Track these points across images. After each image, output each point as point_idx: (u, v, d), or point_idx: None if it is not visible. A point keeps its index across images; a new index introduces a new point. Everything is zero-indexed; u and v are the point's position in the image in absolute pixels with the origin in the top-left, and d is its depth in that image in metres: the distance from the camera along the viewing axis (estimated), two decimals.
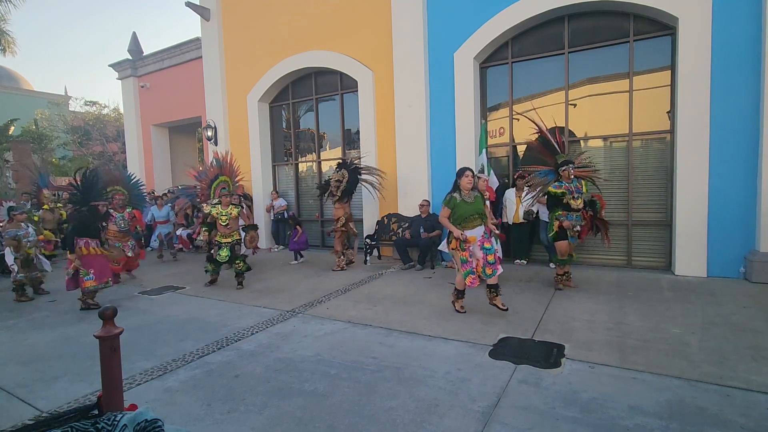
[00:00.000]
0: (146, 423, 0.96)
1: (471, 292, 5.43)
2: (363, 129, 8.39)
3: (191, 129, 14.12)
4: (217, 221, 6.08)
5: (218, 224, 6.09)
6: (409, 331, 4.08)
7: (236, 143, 10.26)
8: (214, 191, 6.38)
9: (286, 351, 3.71)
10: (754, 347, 3.41)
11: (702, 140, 5.61)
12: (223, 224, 6.05)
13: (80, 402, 2.98)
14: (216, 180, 6.43)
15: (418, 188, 7.60)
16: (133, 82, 13.07)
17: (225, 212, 6.06)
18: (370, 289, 5.78)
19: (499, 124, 7.54)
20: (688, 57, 5.62)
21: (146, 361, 3.61)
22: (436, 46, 7.44)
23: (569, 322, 4.15)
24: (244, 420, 2.64)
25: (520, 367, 3.20)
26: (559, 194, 5.18)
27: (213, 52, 10.30)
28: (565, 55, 6.74)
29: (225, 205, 6.10)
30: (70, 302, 5.75)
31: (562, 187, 5.18)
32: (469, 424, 2.49)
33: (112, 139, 19.02)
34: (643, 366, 3.14)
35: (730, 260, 5.57)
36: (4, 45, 15.27)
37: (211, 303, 5.44)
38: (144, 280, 7.05)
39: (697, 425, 2.39)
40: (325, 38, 8.65)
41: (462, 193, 4.39)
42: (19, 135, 17.82)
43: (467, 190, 4.39)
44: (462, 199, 4.38)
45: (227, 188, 6.42)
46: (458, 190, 4.41)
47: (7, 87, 23.95)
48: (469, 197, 4.39)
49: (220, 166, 6.54)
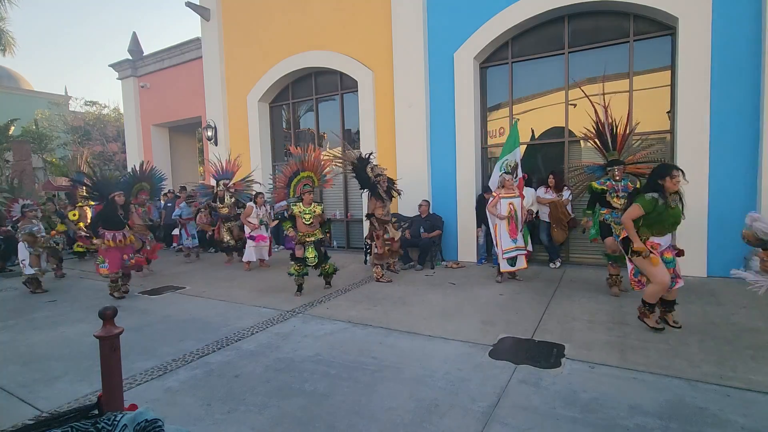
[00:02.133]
0: (146, 423, 0.96)
1: (471, 292, 5.44)
2: (363, 129, 8.40)
3: (191, 129, 14.12)
4: (299, 220, 5.70)
5: (300, 223, 5.70)
6: (409, 331, 4.08)
7: (236, 143, 10.26)
8: (295, 188, 6.05)
9: (286, 351, 3.71)
10: (754, 347, 3.41)
11: (702, 140, 5.61)
12: (306, 223, 5.66)
13: (80, 402, 2.98)
14: (297, 176, 6.08)
15: (418, 188, 7.60)
16: (133, 82, 13.06)
17: (309, 210, 5.68)
18: (370, 289, 5.78)
19: (498, 124, 7.54)
20: (688, 57, 5.62)
21: (146, 361, 3.61)
22: (436, 46, 7.44)
23: (569, 322, 4.14)
24: (244, 420, 2.64)
25: (520, 367, 3.20)
26: (599, 191, 4.94)
27: (213, 52, 10.31)
28: (565, 55, 6.74)
29: (307, 203, 5.70)
30: (70, 302, 5.76)
31: (605, 184, 4.92)
32: (469, 424, 2.49)
33: (112, 139, 19.00)
34: (643, 366, 3.14)
35: (730, 260, 5.55)
36: (4, 45, 15.25)
37: (211, 303, 5.44)
38: (145, 279, 7.05)
39: (697, 425, 2.39)
40: (325, 38, 8.65)
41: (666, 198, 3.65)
42: (19, 135, 17.80)
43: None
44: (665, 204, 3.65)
45: (311, 184, 6.00)
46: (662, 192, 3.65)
47: (7, 87, 23.91)
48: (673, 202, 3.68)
49: (300, 161, 6.12)
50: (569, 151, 6.88)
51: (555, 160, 7.13)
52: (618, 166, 4.92)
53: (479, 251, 7.28)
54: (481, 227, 7.17)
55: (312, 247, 5.68)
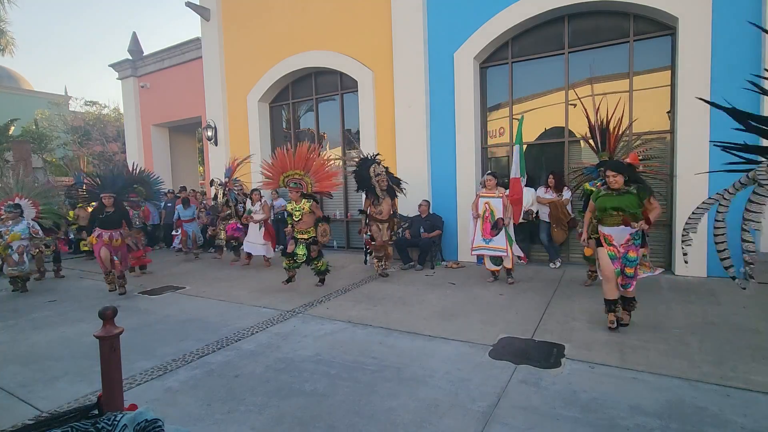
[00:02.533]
0: (146, 423, 0.96)
1: (471, 292, 5.44)
2: (363, 129, 8.40)
3: (191, 129, 14.12)
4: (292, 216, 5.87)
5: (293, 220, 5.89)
6: (409, 331, 4.08)
7: (236, 143, 10.26)
8: (284, 182, 6.04)
9: (286, 351, 3.71)
10: (754, 347, 3.41)
11: (702, 140, 5.60)
12: (296, 219, 5.84)
13: (80, 402, 2.98)
14: (287, 173, 6.03)
15: (418, 188, 7.60)
16: (133, 82, 13.07)
17: (298, 207, 5.83)
18: (370, 289, 5.78)
19: (498, 124, 7.54)
20: (688, 57, 5.62)
21: (146, 361, 3.61)
22: (436, 46, 7.44)
23: (569, 322, 4.15)
24: (244, 420, 2.64)
25: (520, 367, 3.20)
26: (588, 192, 4.93)
27: (213, 52, 10.31)
28: (565, 55, 6.74)
29: (296, 200, 5.85)
30: (70, 302, 5.76)
31: (596, 185, 4.86)
32: (469, 424, 2.49)
33: (112, 139, 19.01)
34: (643, 366, 3.14)
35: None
36: (4, 45, 15.23)
37: (211, 303, 5.44)
38: (145, 279, 7.06)
39: (697, 425, 2.39)
40: (325, 38, 8.65)
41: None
42: (19, 135, 17.80)
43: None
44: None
45: (299, 183, 5.99)
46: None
47: (7, 87, 23.92)
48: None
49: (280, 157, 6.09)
50: (569, 151, 6.88)
51: (555, 160, 7.13)
52: (612, 169, 4.90)
53: None
54: None
55: (303, 244, 5.83)
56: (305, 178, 6.02)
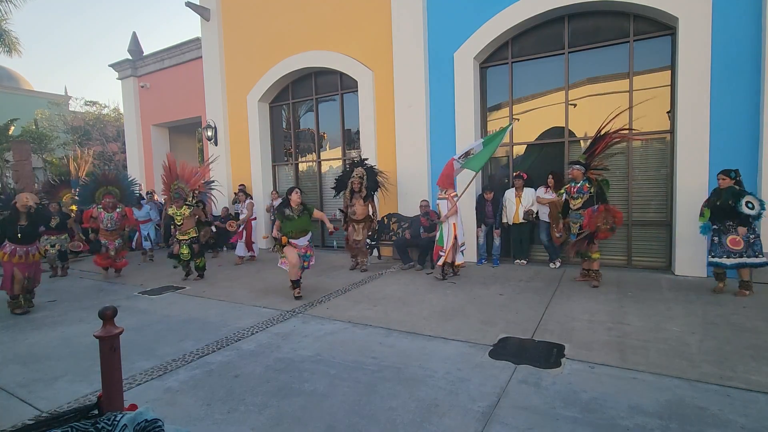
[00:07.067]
0: (146, 423, 0.96)
1: (471, 292, 5.45)
2: (363, 129, 8.40)
3: (191, 129, 14.12)
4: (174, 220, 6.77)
5: (175, 223, 6.80)
6: (409, 331, 4.08)
7: (236, 143, 10.26)
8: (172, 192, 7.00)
9: (286, 351, 3.71)
10: (754, 347, 3.41)
11: (702, 140, 5.61)
12: (178, 223, 6.75)
13: (80, 402, 2.98)
14: (174, 183, 6.95)
15: (418, 188, 7.60)
16: (133, 82, 13.06)
17: (179, 213, 6.75)
18: (370, 289, 5.78)
19: (498, 124, 7.53)
20: (688, 57, 5.62)
21: (146, 361, 3.61)
22: (436, 46, 7.44)
23: (569, 322, 4.15)
24: (244, 420, 2.64)
25: (520, 367, 3.20)
26: (561, 193, 5.21)
27: (213, 52, 10.31)
28: (565, 55, 6.74)
29: (178, 207, 6.76)
30: (70, 302, 5.76)
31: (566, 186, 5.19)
32: (469, 424, 2.49)
33: (112, 139, 19.00)
34: (643, 366, 3.14)
35: None
36: (9, 45, 15.20)
37: (211, 303, 5.44)
38: (144, 280, 7.06)
39: (697, 425, 2.39)
40: (325, 38, 8.65)
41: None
42: (19, 135, 17.78)
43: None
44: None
45: (179, 192, 6.88)
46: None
47: (7, 87, 23.91)
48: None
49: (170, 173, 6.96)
50: (569, 151, 6.88)
51: (555, 160, 7.12)
52: (575, 165, 5.27)
53: (479, 251, 7.28)
54: (481, 227, 7.17)
55: (186, 245, 6.72)
56: (185, 189, 6.95)
